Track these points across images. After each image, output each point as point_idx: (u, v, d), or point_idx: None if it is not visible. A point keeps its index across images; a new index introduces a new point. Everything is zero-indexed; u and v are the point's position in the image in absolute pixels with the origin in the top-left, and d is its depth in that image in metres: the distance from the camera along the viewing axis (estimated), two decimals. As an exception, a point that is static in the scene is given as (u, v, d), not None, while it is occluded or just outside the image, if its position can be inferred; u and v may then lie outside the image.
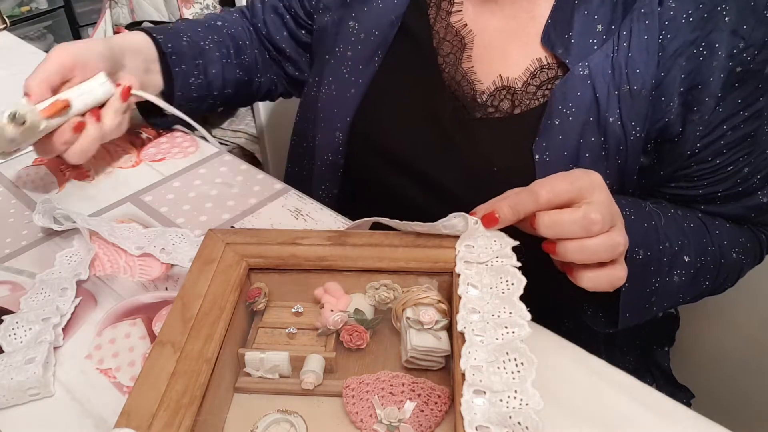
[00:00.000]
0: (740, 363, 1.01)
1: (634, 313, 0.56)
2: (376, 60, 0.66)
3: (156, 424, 0.37)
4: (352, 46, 0.67)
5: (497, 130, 0.61)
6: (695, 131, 0.56)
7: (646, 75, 0.55)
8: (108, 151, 0.78)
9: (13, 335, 0.51)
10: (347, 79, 0.68)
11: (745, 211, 0.62)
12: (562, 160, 0.58)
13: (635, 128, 0.56)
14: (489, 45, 0.62)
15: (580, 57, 0.56)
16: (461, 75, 0.63)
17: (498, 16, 0.62)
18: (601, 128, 0.57)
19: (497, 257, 0.47)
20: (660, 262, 0.56)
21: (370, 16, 0.66)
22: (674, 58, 0.54)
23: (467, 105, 0.63)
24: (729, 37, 0.53)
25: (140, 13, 1.90)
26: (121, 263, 0.60)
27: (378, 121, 0.68)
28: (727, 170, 0.59)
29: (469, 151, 0.63)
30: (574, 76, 0.56)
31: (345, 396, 0.45)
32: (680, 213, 0.60)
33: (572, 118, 0.57)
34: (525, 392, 0.38)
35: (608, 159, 0.58)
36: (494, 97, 0.61)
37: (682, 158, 0.58)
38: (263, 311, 0.51)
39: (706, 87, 0.54)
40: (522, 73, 0.60)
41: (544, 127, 0.58)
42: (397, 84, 0.66)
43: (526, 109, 0.60)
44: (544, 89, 0.59)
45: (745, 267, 0.65)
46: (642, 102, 0.55)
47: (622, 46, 0.55)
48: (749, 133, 0.57)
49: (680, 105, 0.56)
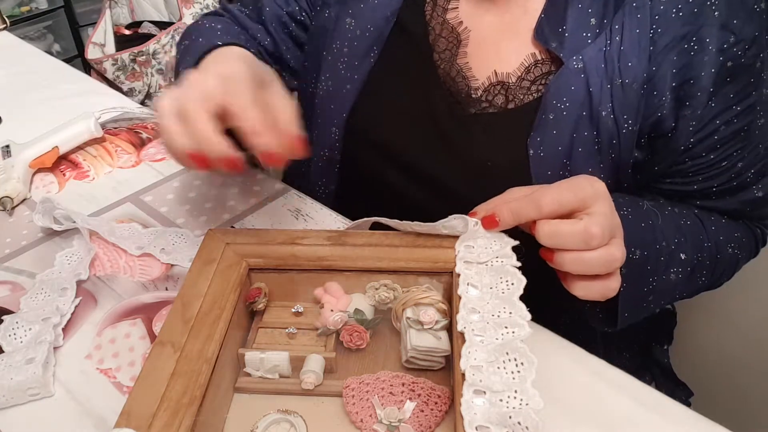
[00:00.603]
0: (739, 360, 1.02)
1: (632, 312, 0.56)
2: (372, 56, 0.66)
3: (156, 424, 0.38)
4: (348, 42, 0.67)
5: (492, 125, 0.62)
6: (688, 126, 0.57)
7: (638, 69, 0.55)
8: (108, 151, 0.78)
9: (13, 335, 0.51)
10: (343, 75, 0.68)
11: (740, 205, 0.62)
12: (556, 154, 0.58)
13: (627, 121, 0.56)
14: (483, 40, 0.63)
15: (574, 51, 0.57)
16: (456, 71, 0.63)
17: (492, 12, 0.63)
18: (594, 122, 0.57)
19: (497, 257, 0.47)
20: (657, 261, 0.56)
21: (365, 12, 0.66)
22: (665, 53, 0.55)
23: (462, 101, 0.63)
24: (719, 32, 0.53)
25: (140, 13, 1.90)
26: (121, 263, 0.60)
27: (373, 117, 0.68)
28: (722, 165, 0.59)
29: (464, 147, 0.63)
30: (569, 70, 0.57)
31: (345, 396, 0.45)
32: (677, 210, 0.61)
33: (566, 112, 0.57)
34: (525, 392, 0.38)
35: (601, 153, 0.58)
36: (488, 92, 0.62)
37: (676, 153, 0.59)
38: (263, 311, 0.51)
39: (697, 82, 0.55)
40: (516, 68, 0.61)
41: (539, 121, 0.58)
42: (392, 80, 0.67)
43: (521, 104, 0.60)
44: (538, 84, 0.60)
45: (741, 261, 0.65)
46: (634, 95, 0.56)
47: (615, 40, 0.55)
48: (742, 127, 0.57)
49: (673, 100, 0.56)
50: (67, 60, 1.84)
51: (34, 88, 0.93)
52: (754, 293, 0.91)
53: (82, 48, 2.21)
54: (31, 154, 0.73)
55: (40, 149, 0.73)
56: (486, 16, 0.63)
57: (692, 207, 0.63)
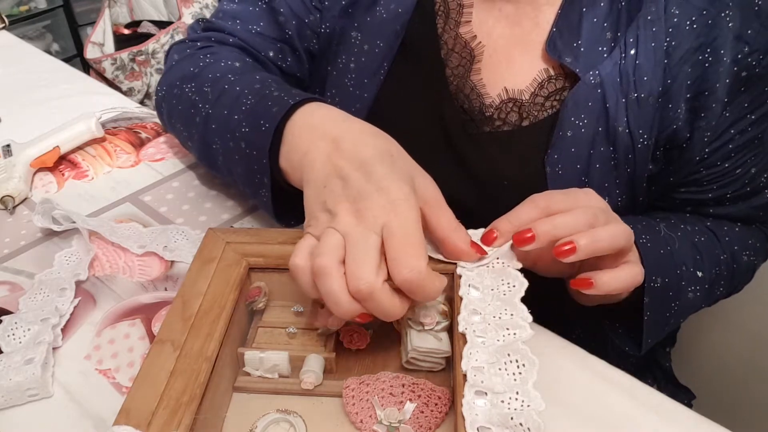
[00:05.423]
0: (742, 363, 1.01)
1: (656, 336, 0.56)
2: (382, 73, 0.64)
3: (155, 422, 0.37)
4: (356, 58, 0.64)
5: (506, 143, 0.60)
6: (703, 137, 0.56)
7: (654, 82, 0.54)
8: (107, 150, 0.78)
9: (12, 336, 0.50)
10: (351, 92, 0.65)
11: (752, 210, 0.62)
12: (574, 172, 0.58)
13: (642, 135, 0.56)
14: (494, 54, 0.61)
15: (590, 66, 0.55)
16: (470, 88, 0.61)
17: (503, 24, 0.61)
18: (611, 138, 0.56)
19: (498, 258, 0.47)
20: (678, 286, 0.56)
21: (373, 26, 0.63)
22: (680, 65, 0.54)
23: (475, 118, 0.62)
24: (733, 43, 0.53)
25: (139, 13, 1.90)
26: (121, 263, 0.60)
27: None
28: (736, 173, 0.59)
29: (480, 166, 0.62)
30: (585, 85, 0.55)
31: (345, 396, 0.45)
32: (689, 228, 0.60)
33: (584, 129, 0.56)
34: (526, 393, 0.38)
35: (618, 168, 0.58)
36: (500, 110, 0.60)
37: (691, 164, 0.58)
38: (263, 310, 0.51)
39: (712, 93, 0.54)
40: (529, 84, 0.59)
41: (556, 139, 0.57)
42: (403, 97, 0.64)
43: (535, 121, 0.59)
44: (552, 100, 0.59)
45: (757, 266, 0.65)
46: (649, 109, 0.55)
47: (629, 54, 0.54)
48: (756, 135, 0.57)
49: (687, 111, 0.55)
50: (66, 59, 1.85)
51: (33, 87, 0.93)
52: (758, 296, 0.91)
53: (81, 47, 2.21)
54: (32, 154, 0.72)
55: (41, 149, 0.73)
56: (496, 26, 0.61)
57: (704, 220, 0.62)
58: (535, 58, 0.59)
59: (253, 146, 0.53)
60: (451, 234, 0.45)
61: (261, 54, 0.68)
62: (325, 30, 0.67)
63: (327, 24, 0.66)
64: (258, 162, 0.52)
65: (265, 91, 0.55)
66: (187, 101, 0.63)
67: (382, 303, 0.40)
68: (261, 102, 0.54)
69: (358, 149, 0.45)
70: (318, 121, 0.50)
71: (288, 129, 0.51)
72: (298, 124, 0.50)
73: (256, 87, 0.57)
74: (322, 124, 0.49)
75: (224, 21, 0.69)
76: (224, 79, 0.60)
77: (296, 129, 0.50)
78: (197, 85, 0.62)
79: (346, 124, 0.48)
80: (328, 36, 0.67)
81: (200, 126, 0.60)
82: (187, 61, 0.67)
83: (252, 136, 0.53)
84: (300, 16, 0.67)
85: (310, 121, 0.50)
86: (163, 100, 0.68)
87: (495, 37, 0.61)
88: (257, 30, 0.68)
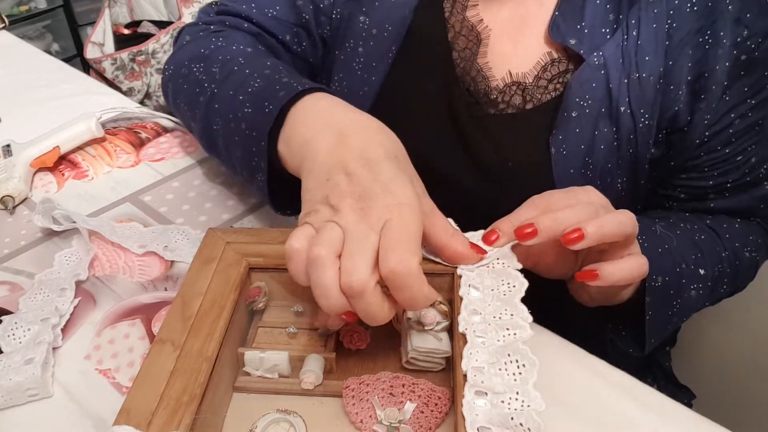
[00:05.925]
0: (742, 363, 1.01)
1: (658, 336, 0.56)
2: (390, 57, 0.64)
3: (155, 422, 0.37)
4: (363, 42, 0.65)
5: (511, 126, 0.61)
6: (703, 120, 0.57)
7: (655, 63, 0.55)
8: (107, 150, 0.78)
9: (12, 336, 0.50)
10: (360, 76, 0.65)
11: (753, 202, 0.62)
12: (578, 152, 0.58)
13: (644, 116, 0.56)
14: (499, 37, 0.62)
15: (594, 47, 0.56)
16: (476, 71, 0.62)
17: (507, 6, 0.62)
18: (614, 119, 0.57)
19: (498, 259, 0.47)
20: (679, 284, 0.56)
21: (381, 10, 0.64)
22: (681, 47, 0.55)
23: (480, 101, 0.62)
24: (733, 26, 0.54)
25: (139, 12, 1.90)
26: (121, 263, 0.60)
27: (393, 119, 0.66)
28: (736, 160, 0.59)
29: (484, 148, 0.62)
30: (590, 66, 0.56)
31: (345, 396, 0.45)
32: (689, 227, 0.60)
33: (588, 110, 0.57)
34: (527, 394, 0.38)
35: (620, 149, 0.58)
36: (505, 93, 0.61)
37: (692, 148, 0.59)
38: (263, 310, 0.51)
39: (712, 75, 0.55)
40: (533, 67, 0.60)
41: (561, 120, 0.58)
42: (410, 82, 0.65)
43: (539, 104, 0.60)
44: (555, 83, 0.59)
45: (760, 262, 0.65)
46: (650, 90, 0.56)
47: (632, 35, 0.55)
48: (757, 121, 0.58)
49: (688, 94, 0.56)
50: (66, 59, 1.84)
51: (33, 87, 0.93)
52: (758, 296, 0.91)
53: (81, 47, 2.21)
54: (32, 154, 0.72)
55: (41, 149, 0.73)
56: (502, 10, 0.62)
57: (704, 219, 0.62)
58: (538, 41, 0.60)
59: (253, 127, 0.52)
60: (449, 239, 0.45)
61: (278, 38, 0.68)
62: (336, 15, 0.67)
63: (338, 9, 0.67)
64: (257, 144, 0.52)
65: (275, 76, 0.55)
66: (194, 81, 0.62)
67: (370, 303, 0.39)
68: (268, 86, 0.54)
69: (365, 145, 0.45)
70: (324, 109, 0.49)
71: (291, 114, 0.50)
72: (302, 111, 0.50)
73: (265, 72, 0.56)
74: (328, 113, 0.49)
75: (240, 4, 0.69)
76: (234, 62, 0.60)
77: (300, 115, 0.50)
78: (206, 66, 0.62)
79: (352, 116, 0.48)
80: (338, 21, 0.67)
81: (204, 106, 0.60)
82: (198, 42, 0.66)
83: (254, 117, 0.52)
84: (315, 1, 0.67)
85: (316, 108, 0.50)
86: (170, 79, 0.68)
87: (501, 20, 0.62)
88: (273, 14, 0.68)
